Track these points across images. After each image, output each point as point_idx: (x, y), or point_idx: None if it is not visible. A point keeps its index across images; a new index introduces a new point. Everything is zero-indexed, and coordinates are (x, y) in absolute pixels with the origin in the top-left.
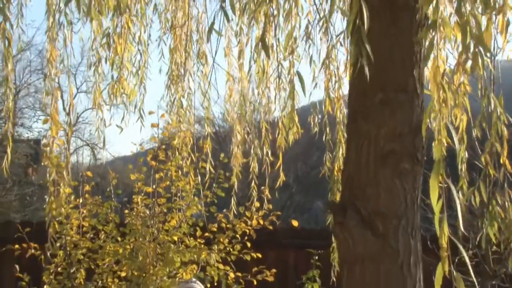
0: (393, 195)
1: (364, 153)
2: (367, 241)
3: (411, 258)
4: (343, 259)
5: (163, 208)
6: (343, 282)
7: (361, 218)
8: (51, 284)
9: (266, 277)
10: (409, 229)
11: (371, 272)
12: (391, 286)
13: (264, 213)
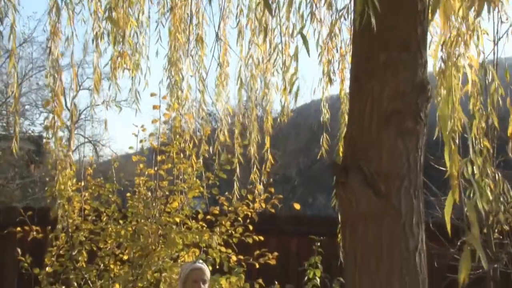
0: (395, 155)
1: (367, 113)
2: (370, 201)
3: (414, 218)
4: (346, 220)
5: (165, 191)
6: (345, 243)
7: (363, 178)
8: (53, 266)
9: (268, 261)
10: (411, 190)
11: (373, 232)
12: (394, 246)
13: (266, 196)
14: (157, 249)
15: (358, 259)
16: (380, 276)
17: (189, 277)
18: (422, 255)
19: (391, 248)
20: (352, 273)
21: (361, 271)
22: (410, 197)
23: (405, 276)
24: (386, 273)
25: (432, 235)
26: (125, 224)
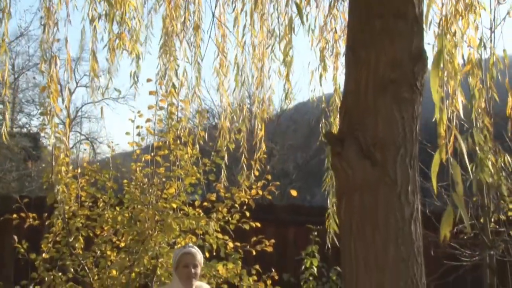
0: (392, 124)
1: (363, 82)
2: (366, 170)
3: (409, 187)
4: (341, 190)
5: (162, 177)
6: (341, 212)
7: (359, 147)
8: (49, 252)
9: (265, 248)
10: (407, 159)
11: (369, 201)
12: (389, 215)
13: (263, 183)
14: (153, 234)
15: (353, 228)
16: (375, 244)
17: (180, 261)
18: (417, 224)
19: (387, 217)
20: (348, 242)
21: (357, 240)
22: (406, 166)
23: (401, 245)
24: (381, 241)
25: (429, 223)
26: (121, 210)
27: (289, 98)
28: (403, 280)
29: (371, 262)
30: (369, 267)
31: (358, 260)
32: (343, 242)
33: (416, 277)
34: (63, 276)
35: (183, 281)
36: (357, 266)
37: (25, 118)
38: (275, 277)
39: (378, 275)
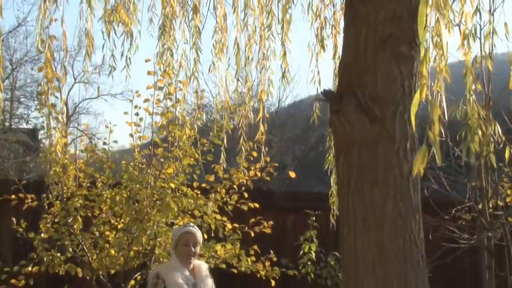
0: (390, 80)
1: (362, 38)
2: (364, 126)
3: (408, 144)
4: (340, 147)
5: (160, 158)
6: (339, 170)
7: (358, 103)
8: (48, 232)
9: (263, 229)
10: (406, 115)
11: (367, 157)
12: (388, 171)
13: (261, 165)
14: (152, 213)
15: (351, 185)
16: (374, 201)
17: (180, 240)
18: (416, 181)
19: (385, 173)
20: (346, 199)
21: (355, 197)
22: (405, 122)
23: (399, 201)
24: (380, 198)
25: (428, 207)
26: (120, 190)
27: (286, 78)
28: (401, 236)
29: (370, 219)
30: (367, 224)
31: (356, 217)
32: (341, 200)
33: (414, 234)
34: (61, 256)
35: (182, 260)
36: (355, 224)
37: (23, 109)
38: (274, 259)
39: (376, 231)
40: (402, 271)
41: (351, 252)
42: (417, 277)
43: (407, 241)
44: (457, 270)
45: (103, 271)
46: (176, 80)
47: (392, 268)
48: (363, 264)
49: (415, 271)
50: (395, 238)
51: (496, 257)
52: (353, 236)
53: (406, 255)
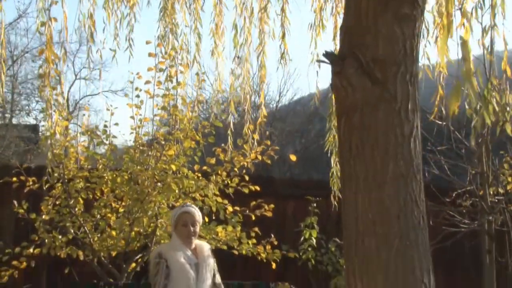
0: (392, 42)
1: (364, 1)
2: (366, 88)
3: (409, 104)
4: (341, 110)
5: (161, 140)
6: (340, 133)
7: (360, 65)
8: (49, 214)
9: (264, 213)
10: (407, 76)
11: (369, 119)
12: (389, 132)
13: (263, 148)
14: (153, 194)
15: (353, 147)
16: (375, 161)
17: (179, 220)
18: (417, 142)
19: (386, 134)
20: (347, 161)
21: (356, 159)
22: (406, 83)
23: (400, 161)
24: (381, 159)
25: (428, 191)
26: (121, 171)
27: (284, 59)
28: (402, 196)
29: (371, 179)
30: (368, 185)
31: (358, 179)
32: (343, 163)
33: (415, 193)
34: (63, 238)
35: (182, 240)
36: (356, 185)
37: (25, 100)
38: (274, 243)
39: (377, 192)
40: (403, 231)
41: (352, 214)
42: (418, 237)
43: (408, 201)
44: (457, 254)
45: (104, 252)
46: (177, 63)
47: (393, 227)
48: (364, 224)
49: (416, 230)
50: (396, 198)
51: (496, 243)
52: (354, 198)
53: (407, 215)
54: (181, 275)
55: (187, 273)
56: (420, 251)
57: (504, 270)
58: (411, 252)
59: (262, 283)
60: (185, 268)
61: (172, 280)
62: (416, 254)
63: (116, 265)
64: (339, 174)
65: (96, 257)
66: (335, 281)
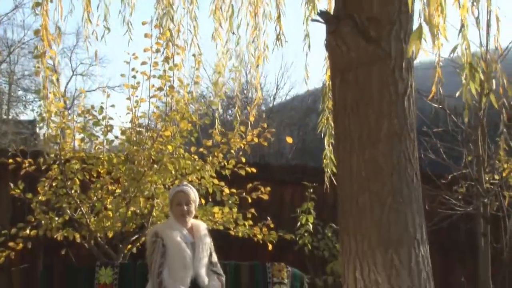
0: (387, 0)
1: None
2: (360, 46)
3: (403, 63)
4: (336, 69)
5: (157, 121)
6: (335, 92)
7: (354, 24)
8: (46, 194)
9: (260, 196)
10: (402, 34)
11: (363, 77)
12: (383, 90)
13: (259, 131)
14: (149, 173)
15: (348, 106)
16: (369, 119)
17: (174, 199)
18: (411, 100)
19: (381, 92)
20: (342, 121)
21: (351, 117)
22: (400, 41)
23: (394, 119)
24: (375, 117)
25: (424, 176)
26: (117, 152)
27: (280, 40)
28: (395, 154)
29: (365, 138)
30: (362, 143)
31: (352, 138)
32: (337, 123)
33: (409, 151)
34: (59, 219)
35: (177, 219)
36: (350, 144)
37: (21, 92)
38: (271, 226)
39: (371, 150)
40: (396, 188)
41: (347, 172)
42: (411, 194)
43: (401, 159)
44: (453, 238)
45: (101, 233)
46: (174, 44)
47: (386, 184)
48: (358, 182)
49: (409, 187)
50: (390, 156)
51: (492, 229)
52: (348, 156)
53: (400, 172)
54: (177, 253)
55: (183, 251)
56: (413, 208)
57: (499, 255)
58: (404, 209)
59: (258, 263)
60: (181, 246)
61: (169, 259)
62: (409, 210)
63: (113, 246)
64: (332, 157)
65: (92, 238)
66: (331, 265)
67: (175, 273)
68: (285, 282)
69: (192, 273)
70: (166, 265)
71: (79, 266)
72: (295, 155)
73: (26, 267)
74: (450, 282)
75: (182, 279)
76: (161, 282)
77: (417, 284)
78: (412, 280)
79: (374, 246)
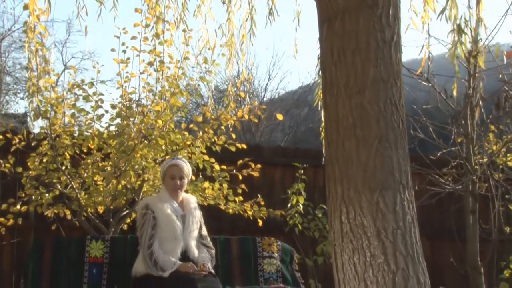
0: None
1: None
2: None
3: (390, 10)
4: (323, 17)
5: (147, 98)
6: (322, 41)
7: None
8: (36, 169)
9: (251, 172)
10: None
11: (350, 24)
12: (370, 37)
13: (249, 108)
14: (139, 146)
15: (334, 54)
16: (356, 67)
17: (167, 173)
18: (397, 48)
19: (367, 39)
20: (329, 69)
21: (338, 65)
22: None
23: (380, 66)
24: (361, 64)
25: (414, 155)
26: (108, 126)
27: (272, 15)
28: (382, 100)
29: (352, 84)
30: (349, 90)
31: (338, 85)
32: (324, 71)
33: (395, 98)
34: (50, 194)
35: (169, 192)
36: (337, 91)
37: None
38: (261, 203)
39: (358, 96)
40: (382, 133)
41: (333, 119)
42: (397, 140)
43: (387, 105)
44: (442, 219)
45: (91, 208)
46: (164, 20)
47: (373, 130)
48: (345, 128)
49: (395, 133)
50: (376, 102)
51: (481, 211)
52: (335, 103)
53: (387, 118)
54: (167, 225)
55: (173, 223)
56: (399, 154)
57: (488, 236)
58: (390, 154)
59: (248, 237)
60: (172, 218)
61: (159, 231)
62: (395, 155)
63: (104, 221)
64: None
65: (83, 211)
66: (321, 246)
67: (165, 245)
68: (275, 256)
69: (182, 245)
70: (156, 237)
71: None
72: (287, 144)
73: (17, 242)
74: (439, 264)
75: (172, 251)
76: (151, 254)
77: (402, 226)
78: (397, 222)
79: (360, 190)
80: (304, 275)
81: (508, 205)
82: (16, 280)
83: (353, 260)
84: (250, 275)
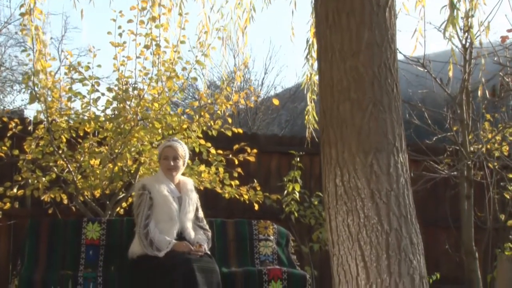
0: None
1: None
2: None
3: None
4: None
5: (143, 83)
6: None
7: None
8: (33, 153)
9: (247, 157)
10: None
11: None
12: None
13: (246, 93)
14: (135, 129)
15: (329, 18)
16: (350, 30)
17: (162, 154)
18: (392, 12)
19: (362, 3)
20: (323, 33)
21: (332, 29)
22: None
23: (375, 29)
24: (356, 27)
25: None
26: (104, 109)
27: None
28: (376, 63)
29: (346, 48)
30: (343, 53)
31: (333, 49)
32: (319, 36)
33: (389, 62)
34: (46, 177)
35: (164, 172)
36: (332, 55)
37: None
38: (257, 188)
39: (352, 60)
40: (377, 96)
41: (328, 83)
42: (391, 103)
43: (382, 68)
44: (437, 206)
45: (87, 191)
46: (160, 3)
47: (367, 93)
48: (339, 92)
49: (390, 96)
50: (370, 65)
51: (476, 199)
52: (329, 68)
53: (381, 81)
54: (164, 206)
55: (170, 204)
56: (393, 117)
57: (483, 225)
58: (384, 117)
59: (244, 220)
60: (168, 199)
61: (155, 211)
62: (389, 118)
63: (100, 204)
64: (315, 114)
65: (79, 194)
66: (317, 233)
67: (162, 225)
68: (271, 238)
69: (178, 226)
70: (152, 217)
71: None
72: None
73: (13, 228)
74: (434, 252)
75: (168, 231)
76: (147, 233)
77: (395, 188)
78: (391, 184)
79: (354, 153)
80: (300, 262)
81: (503, 192)
82: (13, 264)
83: (347, 222)
84: (246, 257)
